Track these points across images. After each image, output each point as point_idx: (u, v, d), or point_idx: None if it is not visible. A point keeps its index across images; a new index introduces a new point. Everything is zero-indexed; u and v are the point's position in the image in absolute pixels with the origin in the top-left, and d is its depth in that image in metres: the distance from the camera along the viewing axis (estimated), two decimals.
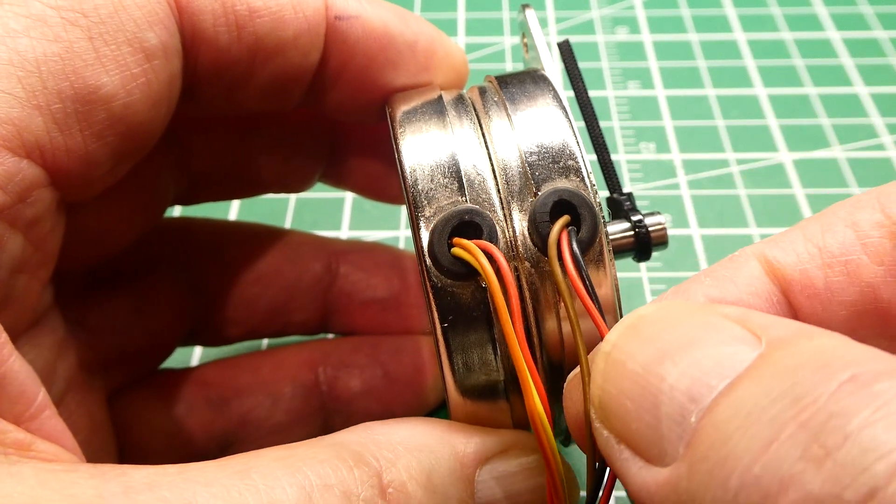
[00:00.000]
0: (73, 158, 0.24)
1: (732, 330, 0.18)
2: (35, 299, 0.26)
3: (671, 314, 0.20)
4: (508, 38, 0.68)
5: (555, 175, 0.25)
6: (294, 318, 0.38)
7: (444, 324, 0.24)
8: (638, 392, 0.19)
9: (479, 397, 0.25)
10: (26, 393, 0.22)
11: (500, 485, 0.24)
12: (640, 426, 0.18)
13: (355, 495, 0.20)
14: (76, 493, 0.18)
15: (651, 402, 0.18)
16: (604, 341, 0.20)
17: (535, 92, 0.27)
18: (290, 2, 0.28)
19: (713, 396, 0.17)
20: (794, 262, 0.22)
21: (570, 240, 0.23)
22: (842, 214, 0.22)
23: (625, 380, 0.19)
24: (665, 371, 0.18)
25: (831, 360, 0.16)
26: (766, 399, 0.16)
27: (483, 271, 0.23)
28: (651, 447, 0.18)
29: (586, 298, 0.22)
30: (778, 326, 0.18)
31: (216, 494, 0.19)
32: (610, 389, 0.19)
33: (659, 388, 0.18)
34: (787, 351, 0.17)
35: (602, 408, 0.20)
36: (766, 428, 0.16)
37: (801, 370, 0.16)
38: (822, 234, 0.22)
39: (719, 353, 0.18)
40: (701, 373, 0.18)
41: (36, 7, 0.24)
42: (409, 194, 0.25)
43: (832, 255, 0.22)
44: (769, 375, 0.17)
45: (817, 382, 0.16)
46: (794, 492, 0.15)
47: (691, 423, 0.17)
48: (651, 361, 0.19)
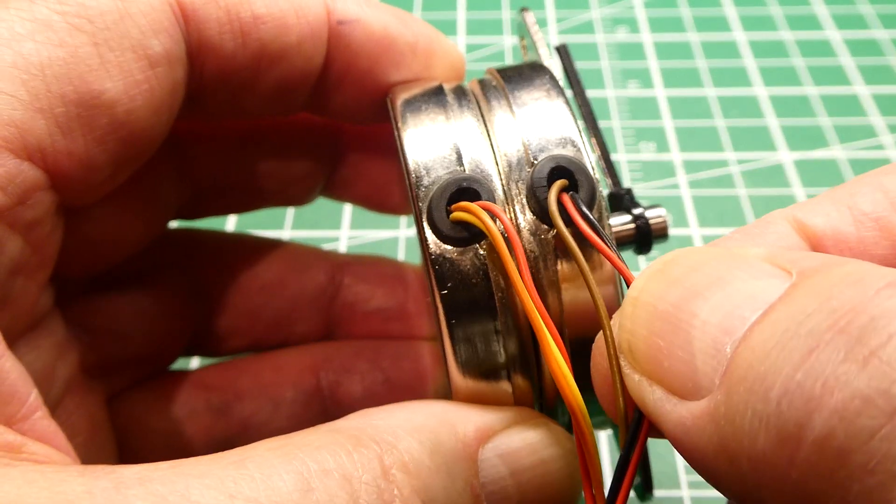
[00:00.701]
0: (75, 162, 0.24)
1: (762, 266, 0.18)
2: (33, 301, 0.26)
3: (698, 257, 0.20)
4: (508, 38, 0.68)
5: (552, 146, 0.25)
6: (297, 328, 0.38)
7: (443, 291, 0.23)
8: (669, 330, 0.18)
9: (480, 373, 0.24)
10: (18, 394, 0.22)
11: (505, 462, 0.23)
12: (673, 363, 0.18)
13: (356, 478, 0.20)
14: (64, 490, 0.18)
15: (683, 339, 0.18)
16: (630, 287, 0.20)
17: (532, 75, 0.27)
18: (292, 8, 0.28)
19: (747, 326, 0.17)
20: (826, 221, 0.22)
21: (576, 198, 0.23)
22: (868, 180, 0.23)
23: (655, 320, 0.19)
24: (696, 308, 0.18)
25: (865, 276, 0.16)
26: (803, 315, 0.16)
27: (485, 226, 0.23)
28: (685, 382, 0.18)
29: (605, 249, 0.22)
30: (807, 259, 0.18)
31: (210, 486, 0.18)
32: (640, 331, 0.19)
33: (691, 323, 0.18)
34: (820, 276, 0.17)
35: (632, 351, 0.19)
36: (805, 339, 0.16)
37: (836, 287, 0.16)
38: (850, 196, 0.22)
39: (750, 286, 0.18)
40: (733, 306, 0.18)
41: (41, 12, 0.24)
42: (409, 167, 0.25)
43: (863, 213, 0.22)
44: (803, 296, 0.17)
45: (854, 294, 0.16)
46: (840, 391, 0.15)
47: (726, 353, 0.17)
48: (681, 300, 0.19)
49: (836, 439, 0.15)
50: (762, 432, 0.16)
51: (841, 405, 0.15)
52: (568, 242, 0.23)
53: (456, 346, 0.24)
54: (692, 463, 0.18)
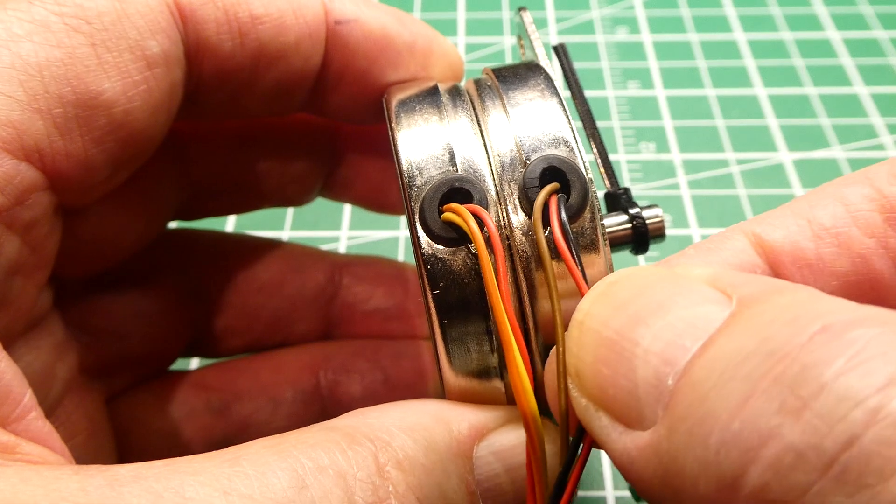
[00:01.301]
0: (73, 163, 0.24)
1: (702, 291, 0.18)
2: (31, 302, 0.26)
3: (641, 279, 0.20)
4: (508, 38, 0.68)
5: (545, 146, 0.25)
6: (296, 328, 0.38)
7: (434, 291, 0.23)
8: (613, 358, 0.18)
9: (472, 372, 0.24)
10: (12, 394, 0.22)
11: (499, 459, 0.23)
12: (618, 391, 0.18)
13: (351, 475, 0.20)
14: (59, 488, 0.18)
15: (627, 367, 0.18)
16: (577, 310, 0.20)
17: (526, 75, 0.27)
18: (290, 8, 0.28)
19: (688, 358, 0.17)
20: (785, 235, 0.22)
21: (559, 203, 0.23)
22: (830, 191, 0.22)
23: (599, 347, 0.19)
24: (639, 335, 0.18)
25: (802, 313, 0.16)
26: (739, 356, 0.16)
27: (469, 231, 0.23)
28: (629, 412, 0.18)
29: (569, 260, 0.22)
30: (748, 284, 0.18)
31: (204, 482, 0.19)
32: (585, 357, 0.19)
33: (633, 352, 0.18)
34: (758, 308, 0.17)
35: (578, 375, 0.20)
36: (741, 384, 0.16)
37: (772, 325, 0.16)
38: (811, 209, 0.22)
39: (691, 314, 0.18)
40: (674, 335, 0.18)
41: (39, 13, 0.24)
42: (402, 167, 0.25)
43: (823, 228, 0.22)
44: (740, 332, 0.17)
45: (789, 336, 0.16)
46: (774, 445, 0.15)
47: (668, 385, 0.17)
48: (624, 327, 0.19)
49: (772, 492, 0.15)
50: (702, 478, 0.16)
51: (775, 459, 0.15)
52: (541, 251, 0.23)
53: (448, 346, 0.24)
54: (639, 491, 0.18)
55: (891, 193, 0.21)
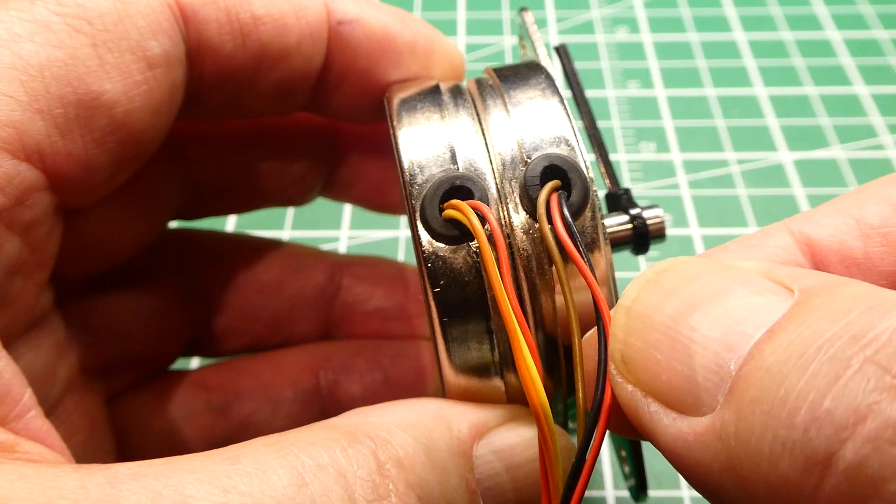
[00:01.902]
0: (73, 163, 0.24)
1: (760, 281, 0.18)
2: (32, 301, 0.26)
3: (693, 268, 0.19)
4: (508, 38, 0.68)
5: (546, 145, 0.25)
6: (296, 329, 0.38)
7: (435, 289, 0.23)
8: (667, 343, 0.18)
9: (473, 371, 0.24)
10: (12, 393, 0.22)
11: (500, 458, 0.23)
12: (672, 377, 0.18)
13: (351, 473, 0.20)
14: (58, 486, 0.18)
15: (683, 353, 0.18)
16: (622, 297, 0.20)
17: (528, 74, 0.27)
18: (292, 8, 0.28)
19: (751, 344, 0.17)
20: (832, 234, 0.22)
21: (560, 200, 0.23)
22: (875, 191, 0.22)
23: (652, 332, 0.19)
24: (696, 321, 0.18)
25: (881, 301, 0.16)
26: (821, 339, 0.16)
27: (471, 226, 0.23)
28: (685, 397, 0.18)
29: (577, 257, 0.22)
30: (808, 276, 0.18)
31: (204, 480, 0.18)
32: (635, 343, 0.19)
33: (690, 338, 0.18)
34: (826, 297, 0.17)
35: (626, 362, 0.19)
36: (829, 365, 0.15)
37: (851, 311, 0.16)
38: (857, 207, 0.22)
39: (751, 302, 0.18)
40: (735, 322, 0.17)
41: (41, 13, 0.24)
42: (403, 165, 0.25)
43: (871, 227, 0.22)
44: (816, 318, 0.16)
45: (874, 321, 0.15)
46: (873, 420, 0.15)
47: (730, 370, 0.17)
48: (679, 312, 0.18)
49: (870, 468, 0.15)
50: (786, 457, 0.16)
51: (874, 434, 0.15)
52: (550, 248, 0.23)
53: (448, 344, 0.24)
54: (690, 478, 0.18)
55: None
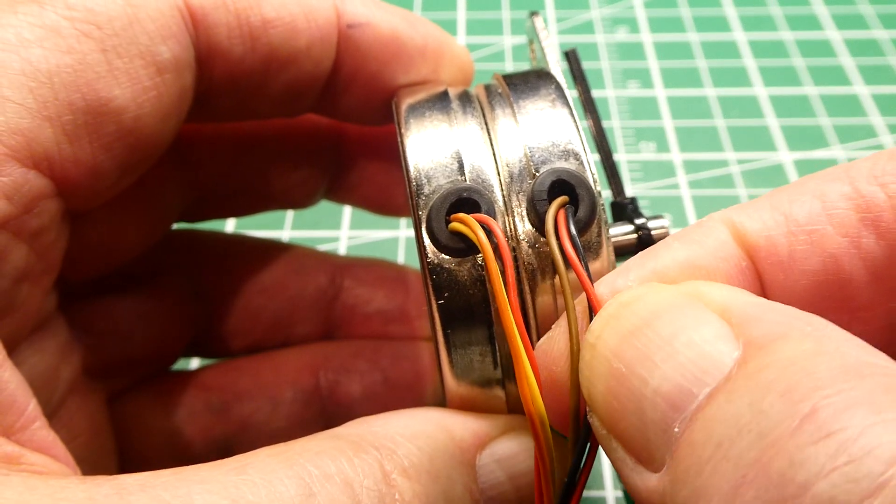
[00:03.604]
0: (81, 169, 0.24)
1: (712, 325, 0.18)
2: (37, 306, 0.26)
3: (653, 303, 0.19)
4: (508, 38, 0.68)
5: (554, 158, 0.25)
6: (297, 330, 0.38)
7: (439, 301, 0.23)
8: (623, 393, 0.18)
9: (475, 381, 0.24)
10: (16, 404, 0.22)
11: (502, 467, 0.23)
12: (629, 427, 0.18)
13: (358, 483, 0.20)
14: (66, 497, 0.18)
15: (637, 406, 0.18)
16: (588, 331, 0.20)
17: (538, 84, 0.27)
18: (302, 12, 0.28)
19: (694, 407, 0.17)
20: (760, 229, 0.22)
21: (567, 217, 0.23)
22: (811, 185, 0.22)
23: (610, 378, 0.19)
24: (648, 373, 0.18)
25: (797, 381, 0.16)
26: (735, 427, 0.16)
27: (478, 241, 0.23)
28: (641, 450, 0.18)
29: (582, 274, 0.22)
30: (757, 322, 0.18)
31: (212, 490, 0.19)
32: (597, 385, 0.19)
33: (642, 391, 0.18)
34: (761, 360, 0.17)
35: (592, 402, 0.19)
36: (734, 466, 0.15)
37: (768, 393, 0.16)
38: (789, 203, 0.22)
39: (699, 354, 0.18)
40: (682, 378, 0.17)
41: (50, 18, 0.24)
42: (410, 174, 0.25)
43: (797, 224, 0.21)
44: (740, 394, 0.16)
45: (781, 415, 0.15)
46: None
47: (675, 432, 0.17)
48: (634, 361, 0.18)
49: None
50: None
51: None
52: (557, 265, 0.23)
53: (451, 355, 0.24)
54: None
55: (868, 193, 0.21)
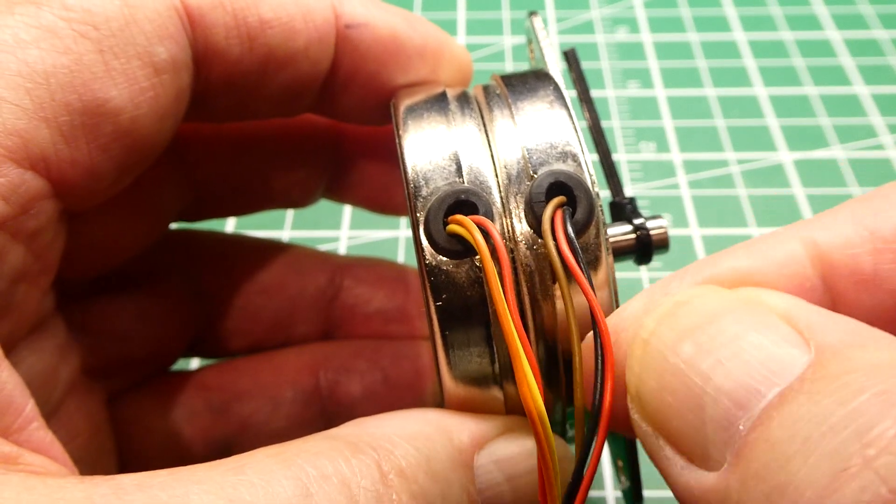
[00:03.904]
0: (78, 170, 0.24)
1: (779, 329, 0.18)
2: (35, 307, 0.26)
3: (712, 303, 0.19)
4: (508, 38, 0.68)
5: (552, 160, 0.25)
6: (297, 330, 0.38)
7: (437, 302, 0.23)
8: (680, 389, 0.18)
9: (473, 382, 0.24)
10: (14, 404, 0.22)
11: (500, 468, 0.23)
12: (683, 425, 0.18)
13: (355, 484, 0.20)
14: (64, 497, 0.18)
15: (695, 403, 0.17)
16: (642, 327, 0.19)
17: (536, 85, 0.27)
18: (300, 12, 0.28)
19: (762, 405, 0.17)
20: (843, 245, 0.21)
21: (564, 218, 0.23)
22: (894, 198, 0.21)
23: (665, 373, 0.18)
24: (710, 370, 0.17)
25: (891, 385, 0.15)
26: (826, 424, 0.15)
27: (476, 243, 0.23)
28: (695, 448, 0.17)
29: (580, 275, 0.22)
30: (826, 329, 0.17)
31: (209, 491, 0.19)
32: (649, 381, 0.19)
33: (703, 388, 0.17)
34: (841, 364, 0.16)
35: (640, 399, 0.19)
36: (830, 460, 0.15)
37: (860, 394, 0.15)
38: (873, 216, 0.21)
39: (766, 354, 0.17)
40: (749, 377, 0.17)
41: (47, 18, 0.24)
42: (408, 175, 0.25)
43: (885, 241, 0.21)
44: (825, 394, 0.16)
45: (878, 414, 0.15)
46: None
47: (739, 430, 0.17)
48: (694, 357, 0.18)
49: None
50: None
51: None
52: (554, 266, 0.23)
53: (449, 356, 0.24)
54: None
55: None
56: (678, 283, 0.22)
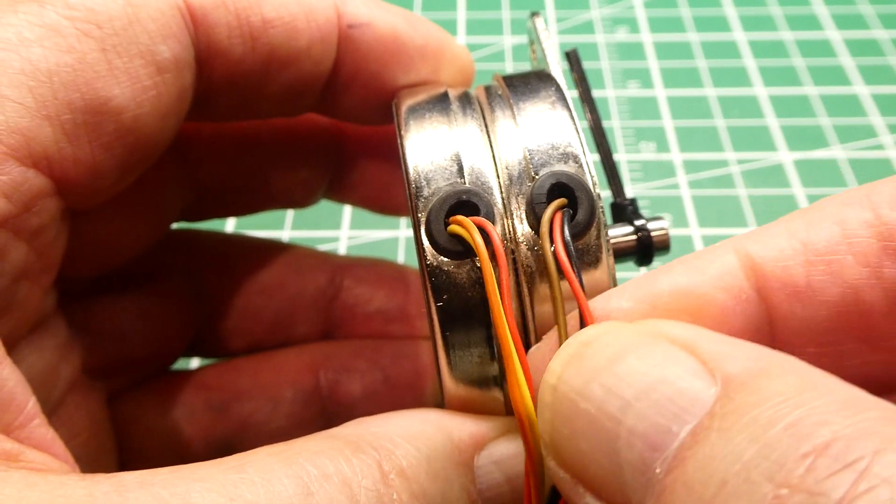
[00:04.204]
0: (80, 169, 0.24)
1: (685, 362, 0.17)
2: (37, 305, 0.26)
3: (616, 341, 0.19)
4: (508, 38, 0.68)
5: (553, 161, 0.25)
6: (297, 329, 0.38)
7: (438, 303, 0.23)
8: (593, 434, 0.17)
9: (473, 383, 0.24)
10: (15, 401, 0.22)
11: (500, 468, 0.23)
12: (600, 471, 0.17)
13: (356, 483, 0.20)
14: (66, 494, 0.18)
15: (609, 447, 0.17)
16: (548, 372, 0.19)
17: (538, 86, 0.27)
18: (302, 12, 0.28)
19: (675, 445, 0.16)
20: (776, 258, 0.21)
21: (563, 220, 0.23)
22: (829, 211, 0.21)
23: (577, 419, 0.18)
24: (620, 413, 0.17)
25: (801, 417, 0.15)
26: (739, 463, 0.15)
27: (475, 245, 0.23)
28: (614, 494, 0.17)
29: (573, 280, 0.22)
30: (730, 358, 0.17)
31: (210, 489, 0.19)
32: (562, 428, 0.18)
33: (616, 432, 0.17)
34: (748, 397, 0.16)
35: (555, 446, 0.19)
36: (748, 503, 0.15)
37: (770, 428, 0.15)
38: (807, 229, 0.21)
39: (674, 391, 0.17)
40: (659, 416, 0.17)
41: (50, 17, 0.24)
42: (409, 175, 0.25)
43: (817, 253, 0.21)
44: (736, 431, 0.16)
45: (789, 448, 0.15)
46: None
47: (656, 473, 0.16)
48: (603, 401, 0.17)
49: None
50: None
51: None
52: (549, 269, 0.23)
53: (450, 357, 0.24)
54: None
55: (891, 220, 0.20)
56: (618, 299, 0.21)
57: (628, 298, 0.22)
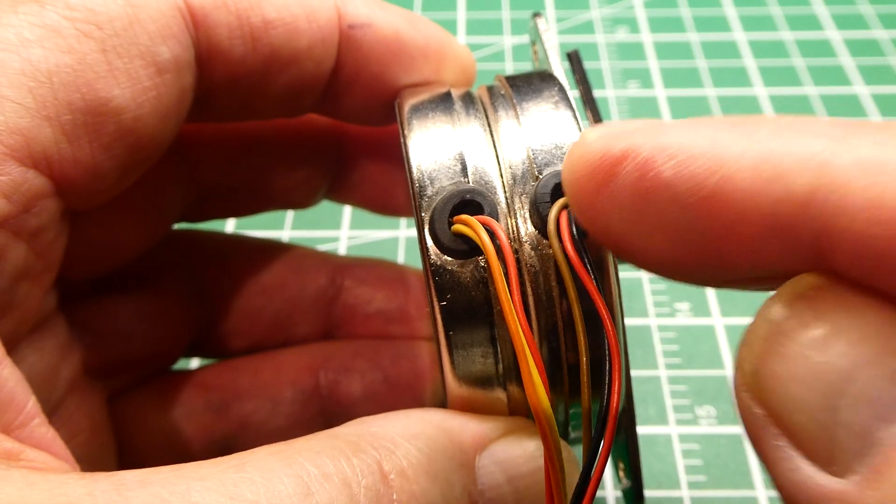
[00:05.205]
0: (80, 169, 0.24)
1: None
2: (37, 305, 0.26)
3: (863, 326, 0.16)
4: (508, 38, 0.68)
5: (557, 161, 0.25)
6: (297, 330, 0.38)
7: (441, 302, 0.23)
8: (812, 382, 0.16)
9: (476, 383, 0.24)
10: (16, 401, 0.22)
11: (502, 469, 0.23)
12: (807, 420, 0.16)
13: (356, 483, 0.20)
14: (66, 493, 0.18)
15: (828, 403, 0.16)
16: (767, 307, 0.17)
17: (541, 86, 0.27)
18: (303, 12, 0.28)
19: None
20: None
21: (570, 219, 0.23)
22: None
23: (797, 363, 0.16)
24: (856, 371, 0.16)
25: None
26: None
27: (481, 243, 0.23)
28: (817, 447, 0.16)
29: (587, 277, 0.22)
30: None
31: (210, 488, 0.19)
32: (775, 367, 0.17)
33: (842, 389, 0.16)
34: None
35: (757, 380, 0.17)
36: None
37: None
38: None
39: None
40: (893, 387, 0.15)
41: (51, 17, 0.24)
42: (413, 175, 0.25)
43: None
44: None
45: None
46: None
47: (878, 438, 0.15)
48: (839, 356, 0.16)
49: None
50: None
51: None
52: (561, 267, 0.23)
53: (453, 356, 0.24)
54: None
55: None
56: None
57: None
